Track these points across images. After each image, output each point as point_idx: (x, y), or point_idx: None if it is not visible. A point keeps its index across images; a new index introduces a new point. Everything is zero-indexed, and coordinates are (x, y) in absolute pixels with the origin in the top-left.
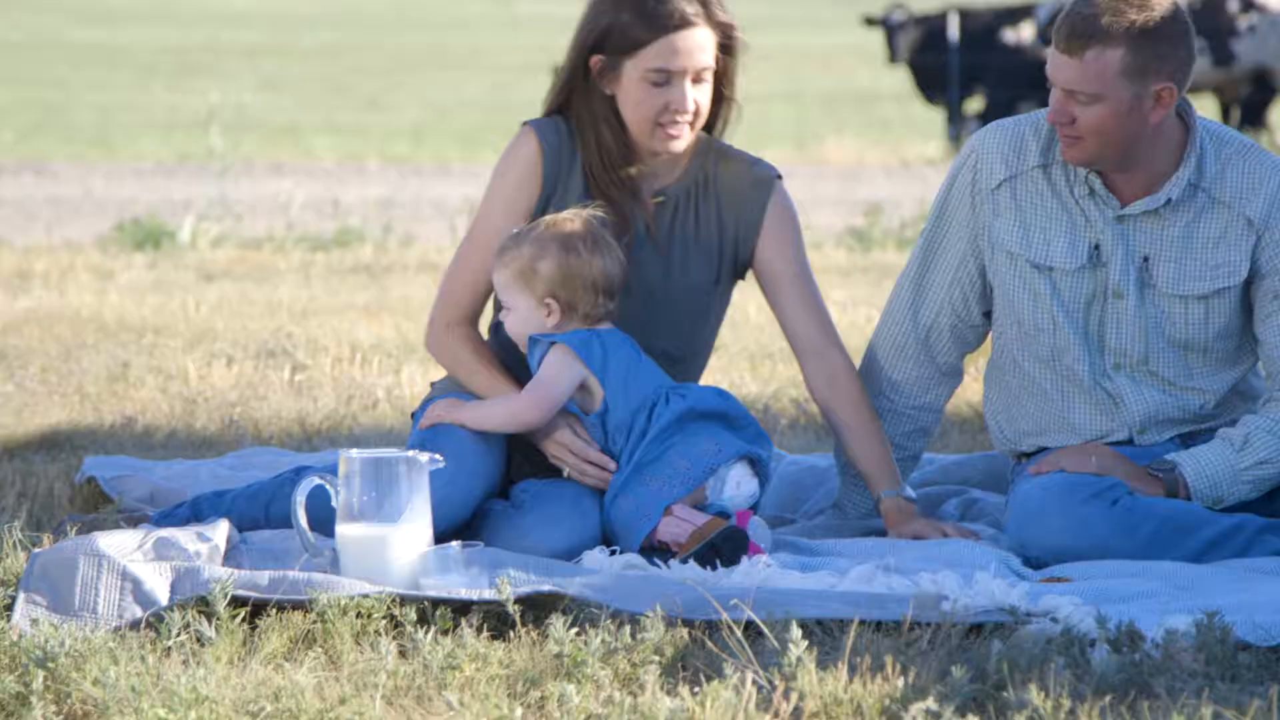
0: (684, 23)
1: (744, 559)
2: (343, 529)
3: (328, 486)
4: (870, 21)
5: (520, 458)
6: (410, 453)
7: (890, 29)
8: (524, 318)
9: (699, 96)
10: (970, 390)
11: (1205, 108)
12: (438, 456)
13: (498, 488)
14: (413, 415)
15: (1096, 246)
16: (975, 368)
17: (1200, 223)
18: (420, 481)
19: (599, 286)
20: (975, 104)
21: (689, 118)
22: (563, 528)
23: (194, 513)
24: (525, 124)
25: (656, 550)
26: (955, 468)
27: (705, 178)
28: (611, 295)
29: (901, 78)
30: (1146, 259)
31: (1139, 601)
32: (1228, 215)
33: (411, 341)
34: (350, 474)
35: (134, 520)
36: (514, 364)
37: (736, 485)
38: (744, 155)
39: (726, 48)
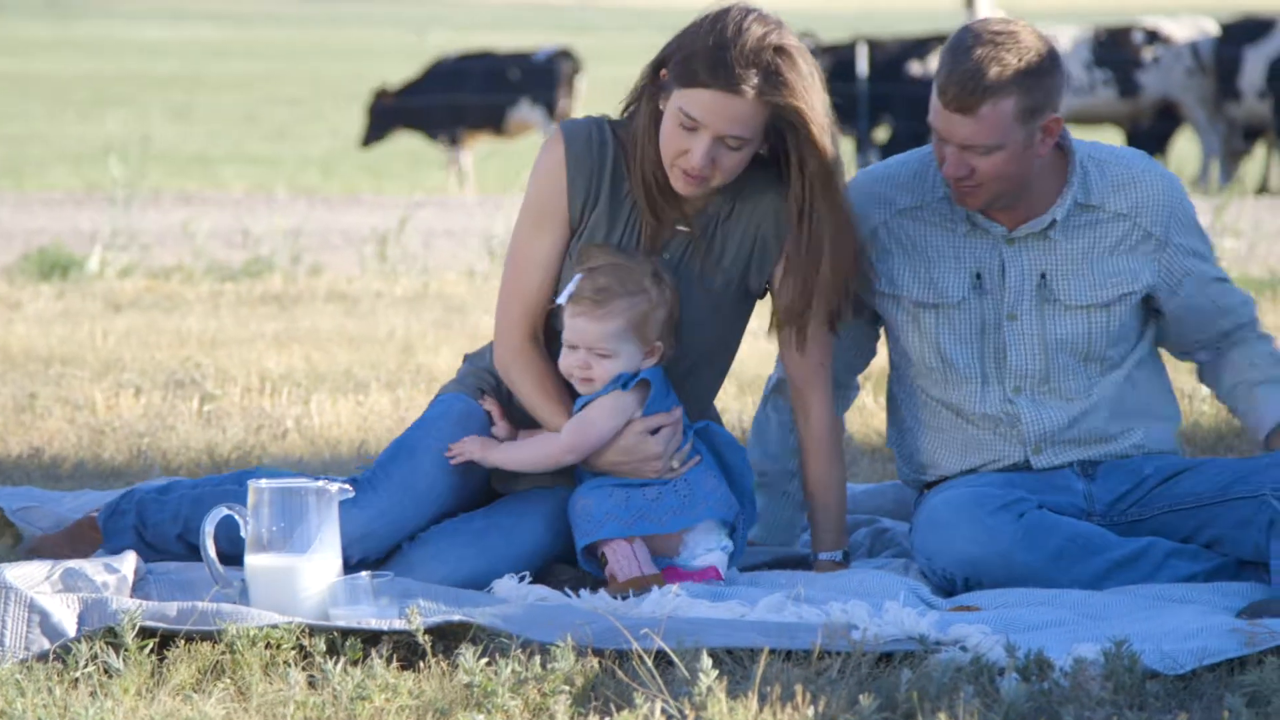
0: (731, 86)
1: (654, 589)
2: (252, 560)
3: (236, 517)
4: None
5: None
6: (319, 483)
7: None
8: (624, 365)
9: (722, 158)
10: (879, 419)
11: (1112, 139)
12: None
13: (454, 508)
14: (442, 391)
15: (978, 275)
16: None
17: (1098, 234)
18: (329, 512)
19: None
20: (882, 133)
21: (698, 173)
22: (448, 564)
23: (139, 518)
24: (558, 126)
25: (597, 561)
26: (865, 497)
27: (732, 208)
28: None
29: None
30: (1043, 275)
31: (1048, 630)
32: (1127, 225)
33: (321, 371)
34: (259, 504)
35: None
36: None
37: (707, 550)
38: (772, 185)
39: (787, 128)
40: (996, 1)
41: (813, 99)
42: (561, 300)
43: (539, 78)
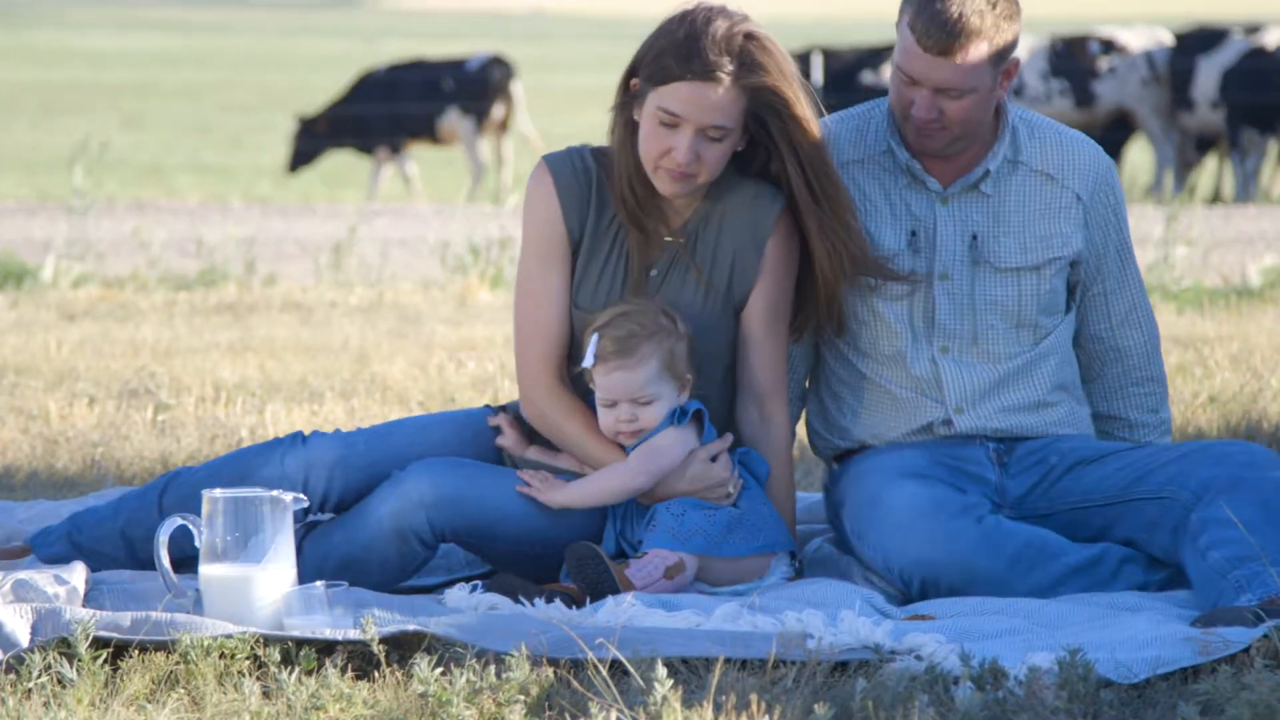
0: (705, 74)
1: (609, 598)
2: (206, 569)
3: (191, 527)
4: None
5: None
6: (274, 492)
7: None
8: (667, 405)
9: (705, 152)
10: None
11: None
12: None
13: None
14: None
15: (914, 233)
16: None
17: (1027, 195)
18: (284, 521)
19: None
20: None
21: (683, 169)
22: (433, 475)
23: (73, 524)
24: (541, 159)
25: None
26: (819, 507)
27: (711, 205)
28: None
29: None
30: (975, 236)
31: (1003, 639)
32: (1054, 187)
33: (275, 381)
34: (213, 514)
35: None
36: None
37: (783, 577)
38: (749, 186)
39: (765, 118)
40: None
41: (790, 80)
42: (587, 364)
43: (470, 86)
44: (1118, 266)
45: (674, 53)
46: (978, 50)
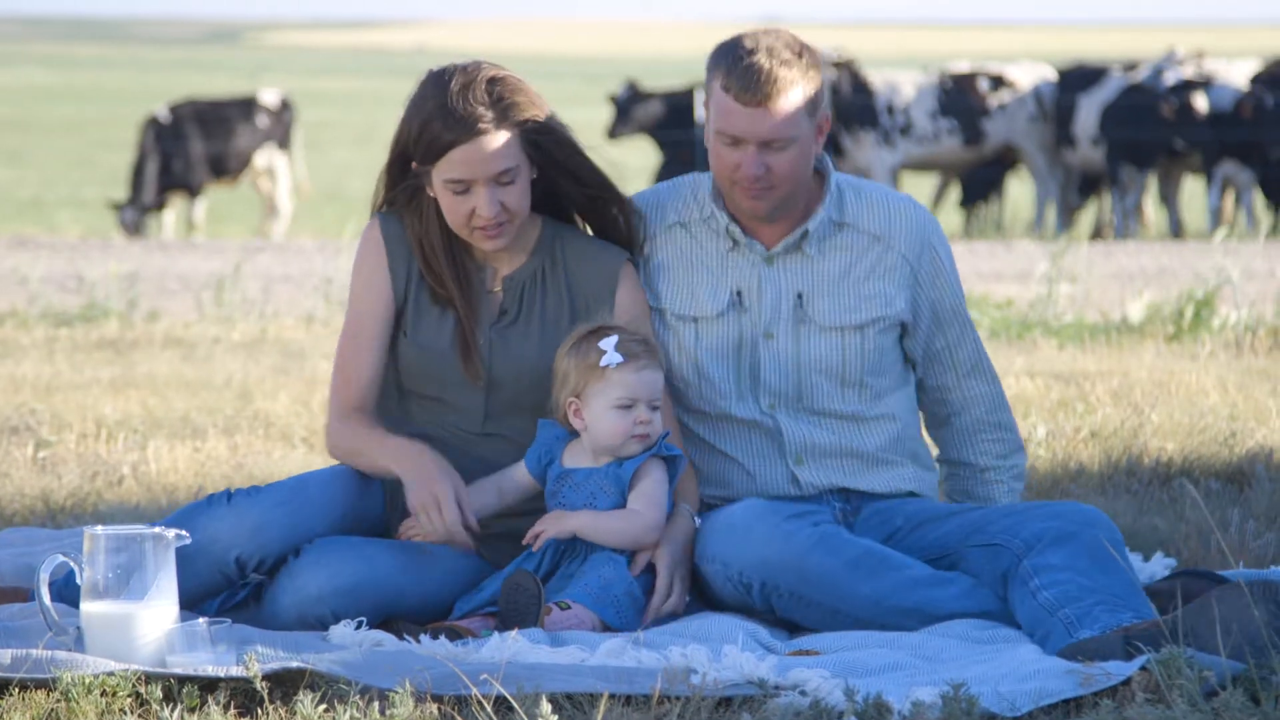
0: (472, 131)
1: (495, 635)
2: (87, 606)
3: (72, 564)
4: (614, 99)
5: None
6: (155, 529)
7: (619, 105)
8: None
9: (506, 198)
10: None
11: (950, 184)
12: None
13: (343, 525)
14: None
15: (739, 292)
16: None
17: (854, 256)
18: (166, 558)
19: None
20: None
21: (494, 222)
22: (329, 568)
23: None
24: (374, 215)
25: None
26: None
27: (552, 261)
28: None
29: (648, 151)
30: (800, 295)
31: (887, 674)
32: (879, 248)
33: (158, 417)
34: (95, 551)
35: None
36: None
37: None
38: (591, 239)
39: (540, 141)
40: (832, 47)
41: (542, 105)
42: (614, 363)
43: (282, 121)
44: (956, 321)
45: (435, 126)
46: (794, 97)
